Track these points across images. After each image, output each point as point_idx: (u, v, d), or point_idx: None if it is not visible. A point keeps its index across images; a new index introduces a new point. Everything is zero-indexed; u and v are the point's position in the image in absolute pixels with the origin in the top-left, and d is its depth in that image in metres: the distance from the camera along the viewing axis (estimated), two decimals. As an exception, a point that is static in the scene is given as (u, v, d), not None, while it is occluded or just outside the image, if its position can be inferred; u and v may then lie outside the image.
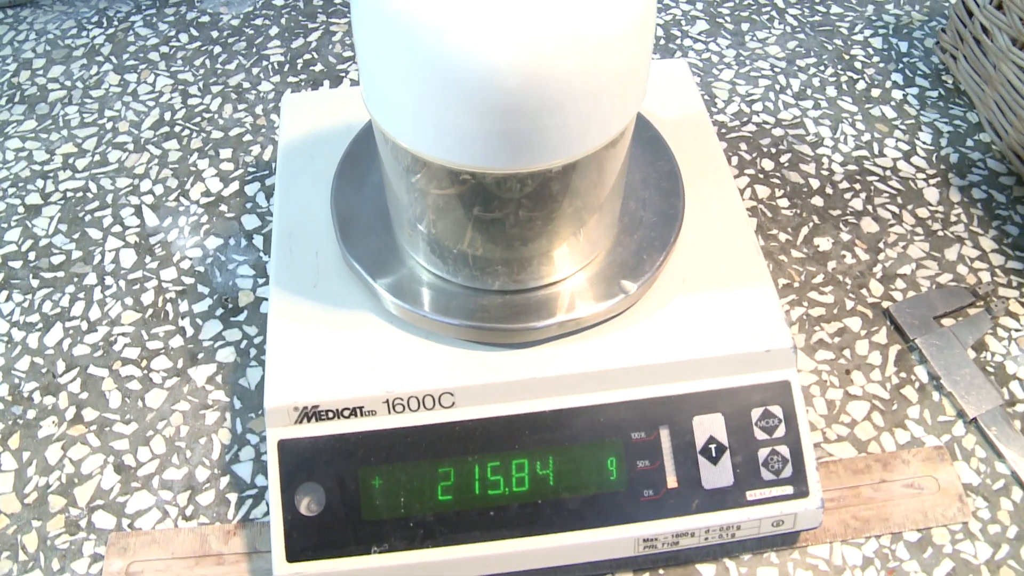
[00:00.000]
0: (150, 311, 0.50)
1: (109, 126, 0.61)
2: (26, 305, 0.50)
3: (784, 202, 0.55)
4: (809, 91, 0.62)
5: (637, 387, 0.39)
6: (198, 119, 0.61)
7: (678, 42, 0.66)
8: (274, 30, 0.68)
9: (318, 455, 0.38)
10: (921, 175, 0.57)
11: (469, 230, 0.36)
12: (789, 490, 0.38)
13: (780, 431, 0.39)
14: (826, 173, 0.57)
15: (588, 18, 0.29)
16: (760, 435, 0.39)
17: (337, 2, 0.70)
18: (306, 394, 0.38)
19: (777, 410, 0.39)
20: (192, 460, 0.44)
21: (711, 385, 0.39)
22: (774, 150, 0.58)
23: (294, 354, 0.39)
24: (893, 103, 0.62)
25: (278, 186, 0.46)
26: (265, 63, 0.65)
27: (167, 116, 0.61)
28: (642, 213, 0.42)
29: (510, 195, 0.34)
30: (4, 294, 0.51)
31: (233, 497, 0.43)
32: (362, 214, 0.42)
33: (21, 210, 0.55)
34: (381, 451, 0.38)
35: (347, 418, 0.38)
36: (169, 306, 0.50)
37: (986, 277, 0.51)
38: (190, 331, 0.49)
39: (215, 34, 0.68)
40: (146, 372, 0.47)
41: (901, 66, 0.64)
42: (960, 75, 0.61)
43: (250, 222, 0.54)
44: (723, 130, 0.59)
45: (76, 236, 0.54)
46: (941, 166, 0.57)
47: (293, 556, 0.37)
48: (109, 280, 0.51)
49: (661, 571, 0.40)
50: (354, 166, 0.44)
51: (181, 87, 0.63)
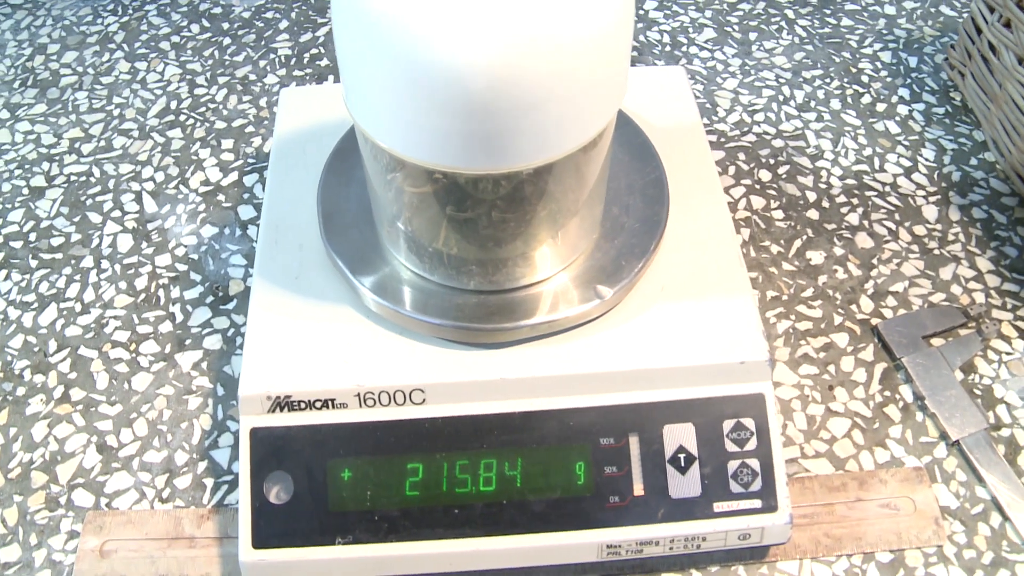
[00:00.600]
0: (142, 296, 0.51)
1: (116, 112, 0.62)
2: (23, 285, 0.51)
3: (779, 214, 0.55)
4: (813, 103, 0.62)
5: (608, 393, 0.39)
6: (203, 109, 0.62)
7: (684, 49, 0.66)
8: (284, 23, 0.69)
9: (289, 444, 0.38)
10: (921, 192, 0.56)
11: (443, 229, 0.36)
12: (757, 504, 0.38)
13: (751, 444, 0.39)
14: (824, 186, 0.56)
15: (558, 22, 0.29)
16: (731, 447, 0.39)
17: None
18: (280, 384, 0.38)
19: (749, 423, 0.39)
20: (172, 444, 0.45)
21: (683, 394, 0.39)
22: (772, 161, 0.58)
23: (271, 344, 0.39)
24: (898, 118, 0.61)
25: (269, 178, 0.46)
26: (272, 56, 0.66)
27: (173, 105, 0.62)
28: (625, 219, 0.42)
29: (483, 196, 0.34)
30: (3, 273, 0.52)
31: (209, 482, 0.43)
32: (346, 209, 0.43)
33: (25, 191, 0.57)
34: (351, 444, 0.38)
35: (319, 409, 0.38)
36: (161, 292, 0.51)
37: (980, 298, 0.51)
38: (180, 317, 0.50)
39: (225, 26, 0.68)
40: (134, 355, 0.48)
41: (909, 81, 0.64)
42: (967, 92, 0.60)
43: (246, 212, 0.55)
44: (722, 139, 0.59)
45: (76, 219, 0.55)
46: (942, 184, 0.57)
47: (259, 543, 0.37)
48: (105, 264, 0.52)
49: (626, 578, 0.40)
50: (343, 162, 0.45)
51: (189, 77, 0.64)
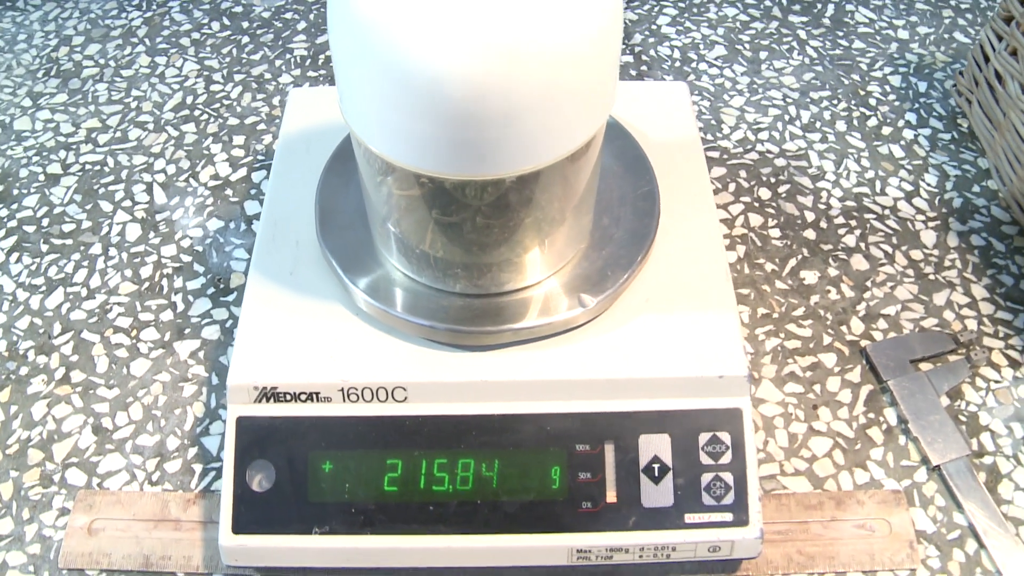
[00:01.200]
0: (146, 284, 0.52)
1: (134, 105, 0.63)
2: (33, 268, 0.53)
3: (776, 232, 0.55)
4: (818, 124, 0.62)
5: (587, 400, 0.39)
6: (217, 105, 0.63)
7: (693, 65, 0.67)
8: (301, 24, 0.70)
9: (273, 434, 0.39)
10: (920, 217, 0.56)
11: (430, 232, 0.37)
12: (729, 517, 0.39)
13: (726, 458, 0.39)
14: (823, 207, 0.57)
15: (540, 34, 0.30)
16: (705, 460, 0.39)
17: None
18: (267, 375, 0.39)
19: (725, 437, 0.39)
20: (165, 429, 0.46)
21: (661, 405, 0.39)
22: (774, 180, 0.58)
23: (262, 336, 0.40)
24: (903, 142, 0.61)
25: (272, 175, 0.48)
26: (288, 56, 0.67)
27: (189, 100, 0.64)
28: (614, 230, 0.43)
29: (469, 201, 0.35)
30: (15, 256, 0.54)
31: (198, 468, 0.44)
32: (343, 210, 0.44)
33: (42, 178, 0.58)
34: (332, 437, 0.39)
35: (304, 402, 0.39)
36: (165, 281, 0.52)
37: (973, 325, 0.51)
38: (181, 306, 0.51)
39: (245, 24, 0.70)
40: (134, 341, 0.50)
41: (917, 106, 0.64)
42: (973, 119, 0.60)
43: (252, 208, 0.56)
44: (725, 156, 0.60)
45: (88, 207, 0.57)
46: (943, 209, 0.57)
47: (239, 528, 0.38)
48: (113, 252, 0.54)
49: (597, 584, 0.41)
50: (343, 163, 0.46)
51: (206, 73, 0.66)
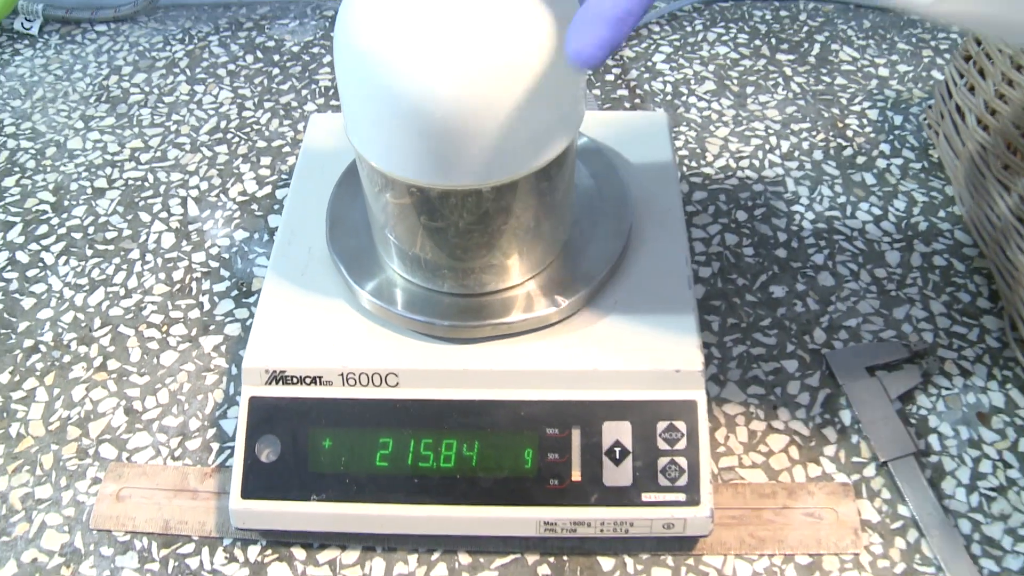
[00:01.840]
0: (178, 286, 0.58)
1: (173, 128, 0.70)
2: (79, 270, 0.60)
3: (749, 250, 0.60)
4: (797, 153, 0.67)
5: (557, 389, 0.44)
6: (248, 129, 0.70)
7: (683, 99, 0.72)
8: (327, 58, 0.77)
9: (280, 412, 0.45)
10: (887, 238, 0.61)
11: (420, 236, 0.42)
12: (682, 497, 0.43)
13: (681, 444, 0.44)
14: (795, 228, 0.61)
15: (511, 64, 0.35)
16: (662, 445, 0.44)
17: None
18: (277, 360, 0.45)
19: (681, 425, 0.44)
20: (188, 412, 0.52)
21: (624, 396, 0.44)
22: (751, 203, 0.63)
23: (275, 326, 0.46)
24: (875, 171, 0.66)
25: (291, 189, 0.54)
26: (313, 86, 0.74)
27: (222, 124, 0.70)
28: (588, 239, 0.48)
29: (452, 209, 0.40)
30: (63, 259, 0.60)
31: (216, 446, 0.50)
32: (349, 219, 0.49)
33: (89, 191, 0.65)
34: (332, 416, 0.44)
35: (308, 385, 0.45)
36: (194, 284, 0.59)
37: (929, 338, 0.55)
38: (207, 306, 0.57)
39: (276, 57, 0.77)
40: (165, 336, 0.56)
41: (891, 138, 0.68)
42: (940, 150, 0.65)
43: (274, 221, 0.63)
44: (707, 182, 0.65)
45: (129, 218, 0.63)
46: (908, 232, 0.61)
47: (247, 494, 0.44)
48: (149, 257, 0.60)
49: (565, 557, 0.45)
50: (351, 180, 0.52)
51: (239, 100, 0.73)
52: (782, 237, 0.61)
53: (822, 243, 0.60)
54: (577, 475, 0.43)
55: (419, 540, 0.45)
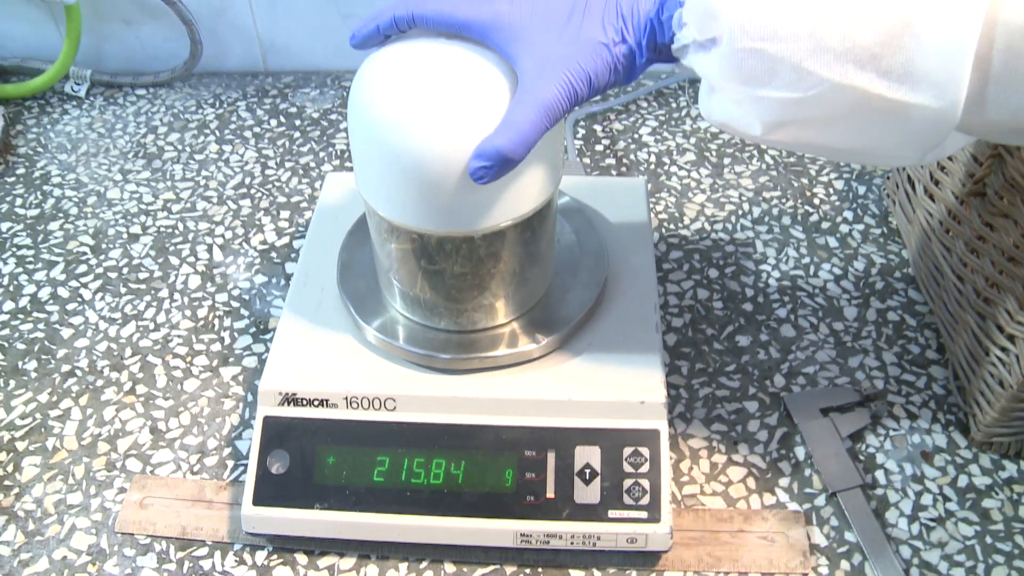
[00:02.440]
0: (202, 322, 0.65)
1: (203, 182, 0.78)
2: (113, 305, 0.66)
3: (719, 304, 0.66)
4: (767, 218, 0.74)
5: (535, 416, 0.50)
6: (269, 186, 0.77)
7: (665, 168, 0.79)
8: (343, 124, 0.85)
9: (290, 431, 0.50)
10: (846, 295, 0.67)
11: (419, 279, 0.49)
12: (644, 515, 0.48)
13: (645, 468, 0.49)
14: (762, 285, 0.67)
15: (496, 125, 0.42)
16: (628, 468, 0.49)
17: (398, 107, 0.87)
18: (290, 384, 0.51)
19: (645, 451, 0.49)
20: (207, 432, 0.57)
21: (594, 423, 0.50)
22: (723, 262, 0.69)
23: (289, 355, 0.52)
24: (838, 235, 0.72)
25: (308, 238, 0.60)
26: (330, 149, 0.82)
27: (247, 181, 0.78)
28: (568, 288, 0.54)
29: (448, 253, 0.47)
30: (100, 295, 0.67)
31: (231, 463, 0.55)
32: (358, 263, 0.56)
33: (125, 236, 0.72)
34: (336, 435, 0.50)
35: (316, 407, 0.51)
36: (216, 320, 0.65)
37: (880, 385, 0.60)
38: (227, 341, 0.63)
39: (298, 122, 0.85)
40: (188, 365, 0.62)
41: (855, 206, 0.75)
42: (897, 217, 0.71)
43: (291, 268, 0.69)
44: (683, 242, 0.71)
45: (160, 261, 0.70)
46: (866, 290, 0.67)
47: (258, 502, 0.49)
48: (177, 296, 0.67)
49: (540, 569, 0.50)
50: (360, 230, 0.58)
51: (262, 160, 0.80)
52: (749, 292, 0.67)
53: (786, 299, 0.66)
54: (551, 492, 0.49)
55: (410, 549, 0.50)
